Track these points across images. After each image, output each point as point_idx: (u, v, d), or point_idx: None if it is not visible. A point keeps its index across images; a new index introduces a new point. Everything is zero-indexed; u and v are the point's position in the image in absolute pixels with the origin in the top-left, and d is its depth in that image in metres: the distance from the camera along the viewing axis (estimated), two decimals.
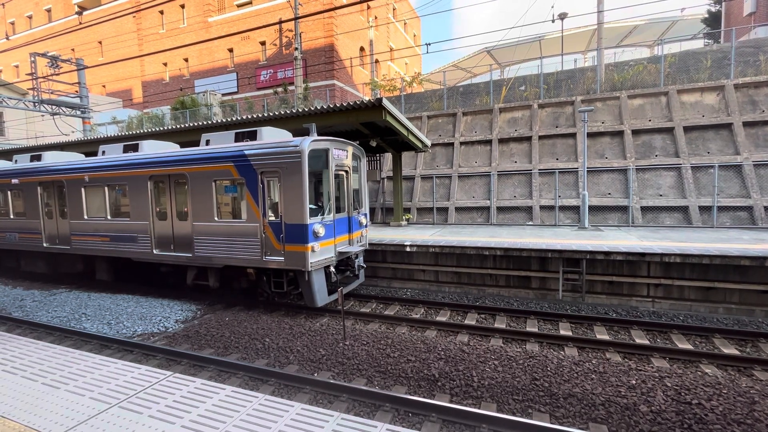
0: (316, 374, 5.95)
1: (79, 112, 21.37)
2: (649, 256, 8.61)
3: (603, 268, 9.12)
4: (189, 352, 6.72)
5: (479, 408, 4.91)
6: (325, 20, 27.97)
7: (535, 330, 7.61)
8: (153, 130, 14.77)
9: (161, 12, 34.42)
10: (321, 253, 8.14)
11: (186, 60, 34.02)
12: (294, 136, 9.15)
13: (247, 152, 8.27)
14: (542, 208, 14.39)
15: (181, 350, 6.80)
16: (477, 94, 19.08)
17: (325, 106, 10.50)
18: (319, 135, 8.50)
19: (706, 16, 24.94)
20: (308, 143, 7.82)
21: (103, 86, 39.29)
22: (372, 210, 17.22)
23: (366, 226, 10.14)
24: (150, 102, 34.93)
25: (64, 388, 3.70)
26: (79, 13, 23.54)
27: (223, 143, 9.15)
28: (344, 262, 9.52)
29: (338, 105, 10.29)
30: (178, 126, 14.11)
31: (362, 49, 32.61)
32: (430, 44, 14.91)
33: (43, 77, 18.88)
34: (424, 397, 5.14)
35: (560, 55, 24.37)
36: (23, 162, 12.65)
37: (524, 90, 17.82)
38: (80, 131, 22.04)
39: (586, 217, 12.48)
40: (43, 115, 22.08)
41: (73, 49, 37.81)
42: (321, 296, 8.31)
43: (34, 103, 20.10)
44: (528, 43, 28.28)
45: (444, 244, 10.36)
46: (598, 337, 7.27)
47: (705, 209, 12.46)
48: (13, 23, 44.10)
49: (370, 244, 10.64)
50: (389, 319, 8.46)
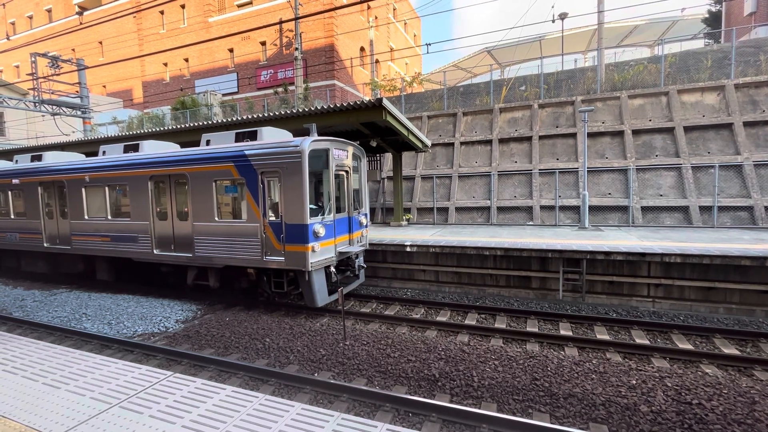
0: (316, 374, 5.95)
1: (79, 113, 21.40)
2: (649, 256, 8.60)
3: (603, 268, 9.12)
4: (189, 352, 6.72)
5: (479, 408, 4.91)
6: (326, 20, 27.98)
7: (536, 330, 7.61)
8: (153, 130, 14.78)
9: (161, 12, 34.45)
10: (321, 253, 8.14)
11: (186, 60, 34.04)
12: (294, 136, 9.15)
13: (247, 152, 8.28)
14: (542, 208, 14.39)
15: (181, 350, 6.81)
16: (477, 94, 19.08)
17: (326, 106, 10.50)
18: (319, 135, 8.51)
19: (707, 16, 24.93)
20: (308, 143, 7.82)
21: (104, 86, 39.33)
22: (372, 210, 17.22)
23: (366, 226, 10.14)
24: (150, 102, 34.96)
25: (64, 388, 3.71)
26: (80, 13, 23.58)
27: (224, 143, 9.15)
28: (344, 262, 9.52)
29: (338, 105, 10.29)
30: (179, 126, 14.12)
31: (362, 49, 32.62)
32: (430, 44, 14.90)
33: (44, 77, 18.90)
34: (425, 397, 5.14)
35: (560, 55, 24.39)
36: (24, 162, 12.66)
37: (524, 90, 17.82)
38: (81, 131, 22.07)
39: (587, 217, 12.48)
40: (43, 116, 22.10)
41: (73, 50, 37.84)
42: (321, 296, 8.31)
43: (34, 103, 20.13)
44: (528, 43, 28.28)
45: (444, 244, 10.36)
46: (599, 337, 7.27)
47: (705, 209, 12.45)
48: (13, 23, 44.15)
49: (370, 244, 10.64)
50: (389, 319, 8.46)
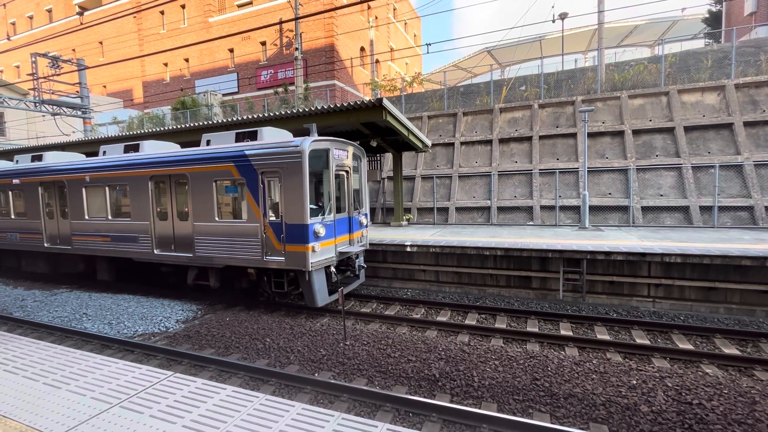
0: (316, 374, 5.95)
1: (79, 113, 21.41)
2: (649, 256, 8.60)
3: (603, 268, 9.12)
4: (190, 352, 6.72)
5: (480, 408, 4.91)
6: (326, 20, 27.98)
7: (536, 330, 7.61)
8: (154, 130, 14.79)
9: (162, 12, 34.46)
10: (321, 253, 8.14)
11: (186, 60, 34.05)
12: (294, 136, 9.15)
13: (247, 152, 8.28)
14: (543, 208, 14.39)
15: (181, 350, 6.81)
16: (477, 94, 19.07)
17: (326, 107, 10.50)
18: (319, 135, 8.51)
19: (707, 15, 24.92)
20: (309, 143, 7.82)
21: (104, 86, 39.34)
22: (372, 210, 17.22)
23: (366, 226, 10.14)
24: (151, 102, 34.97)
25: (65, 387, 3.71)
26: (80, 13, 23.58)
27: (224, 143, 9.16)
28: (345, 262, 9.52)
29: (339, 105, 10.29)
30: (179, 126, 14.12)
31: (363, 49, 32.62)
32: (430, 44, 14.91)
33: (44, 77, 18.91)
34: (425, 397, 5.14)
35: (561, 55, 24.39)
36: (24, 162, 12.67)
37: (525, 90, 17.81)
38: (81, 131, 22.09)
39: (587, 217, 12.48)
40: (44, 116, 22.11)
41: (73, 50, 37.85)
42: (321, 296, 8.31)
43: (35, 103, 20.15)
44: (528, 43, 28.28)
45: (444, 244, 10.36)
46: (599, 337, 7.26)
47: (706, 209, 12.45)
48: (14, 24, 44.17)
49: (370, 244, 10.64)
50: (390, 319, 8.46)
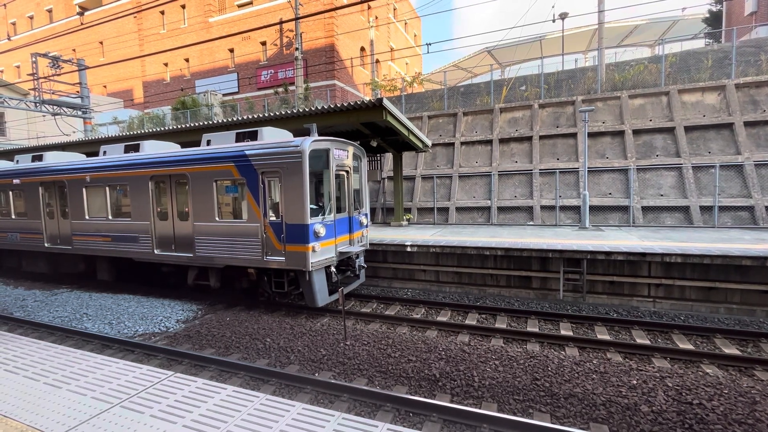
0: (317, 374, 5.96)
1: (80, 113, 21.43)
2: (650, 256, 8.60)
3: (604, 268, 9.12)
4: (190, 352, 6.73)
5: (480, 408, 4.91)
6: (326, 20, 27.98)
7: (536, 330, 7.61)
8: (154, 130, 14.79)
9: (162, 12, 34.46)
10: (322, 253, 8.14)
11: (187, 60, 34.06)
12: (295, 136, 9.15)
13: (247, 152, 8.28)
14: (543, 208, 14.39)
15: (182, 350, 6.82)
16: (477, 94, 19.07)
17: (326, 107, 10.50)
18: (319, 135, 8.51)
19: (707, 15, 24.91)
20: (309, 143, 7.82)
21: (104, 86, 39.35)
22: (373, 210, 17.22)
23: (366, 226, 10.14)
24: (151, 102, 34.98)
25: (65, 387, 3.71)
26: (81, 13, 23.54)
27: (224, 143, 9.16)
28: (345, 262, 9.52)
29: (339, 105, 10.29)
30: (179, 126, 14.13)
31: (363, 49, 32.62)
32: (430, 44, 14.90)
33: (45, 78, 18.92)
34: (425, 397, 5.15)
35: (561, 55, 24.40)
36: (24, 162, 12.67)
37: (525, 90, 17.81)
38: (81, 131, 22.10)
39: (587, 217, 12.48)
40: (44, 116, 22.12)
41: (74, 50, 37.86)
42: (322, 296, 8.31)
43: (35, 103, 20.16)
44: (528, 43, 28.28)
45: (445, 244, 10.36)
46: (599, 337, 7.26)
47: (706, 209, 12.44)
48: (14, 24, 44.18)
49: (370, 244, 10.65)
50: (390, 319, 8.46)
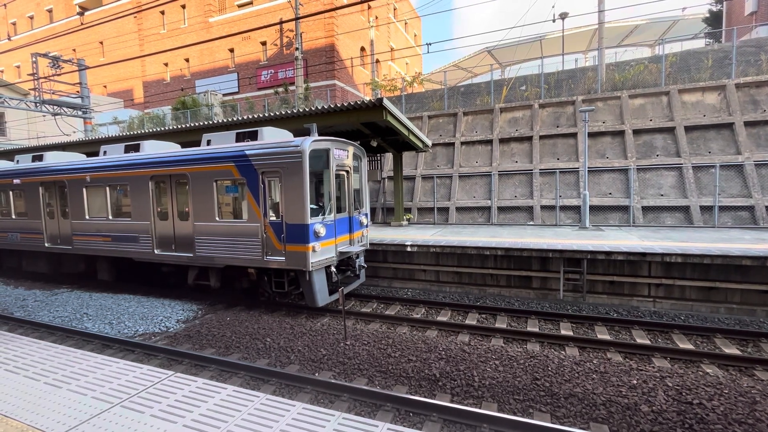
0: (317, 374, 5.96)
1: (80, 113, 21.43)
2: (650, 256, 8.60)
3: (604, 268, 9.12)
4: (190, 351, 6.73)
5: (480, 408, 4.91)
6: (326, 20, 27.98)
7: (536, 330, 7.61)
8: (154, 130, 14.80)
9: (162, 12, 34.47)
10: (322, 253, 8.14)
11: (187, 60, 34.06)
12: (295, 136, 9.15)
13: (248, 152, 8.28)
14: (543, 208, 14.38)
15: (182, 350, 6.82)
16: (478, 94, 19.07)
17: (326, 106, 10.50)
18: (319, 135, 8.51)
19: (707, 15, 24.92)
20: (309, 143, 7.82)
21: (105, 86, 39.35)
22: (373, 210, 17.22)
23: (367, 226, 10.14)
24: (151, 102, 34.98)
25: (66, 387, 3.71)
26: (81, 13, 23.54)
27: (224, 143, 9.16)
28: (345, 262, 9.52)
29: (339, 105, 10.29)
30: (179, 126, 14.13)
31: (363, 49, 32.62)
32: (430, 44, 14.91)
33: (45, 78, 18.92)
34: (425, 397, 5.15)
35: (561, 55, 24.40)
36: (25, 162, 12.68)
37: (525, 90, 17.80)
38: (81, 131, 22.11)
39: (587, 217, 12.47)
40: (44, 116, 22.12)
41: (74, 50, 37.86)
42: (322, 296, 8.31)
43: (35, 103, 20.17)
44: (529, 42, 28.27)
45: (445, 244, 10.36)
46: (599, 337, 7.26)
47: (706, 209, 12.44)
48: (14, 24, 44.19)
49: (370, 244, 10.65)
50: (390, 319, 8.46)
